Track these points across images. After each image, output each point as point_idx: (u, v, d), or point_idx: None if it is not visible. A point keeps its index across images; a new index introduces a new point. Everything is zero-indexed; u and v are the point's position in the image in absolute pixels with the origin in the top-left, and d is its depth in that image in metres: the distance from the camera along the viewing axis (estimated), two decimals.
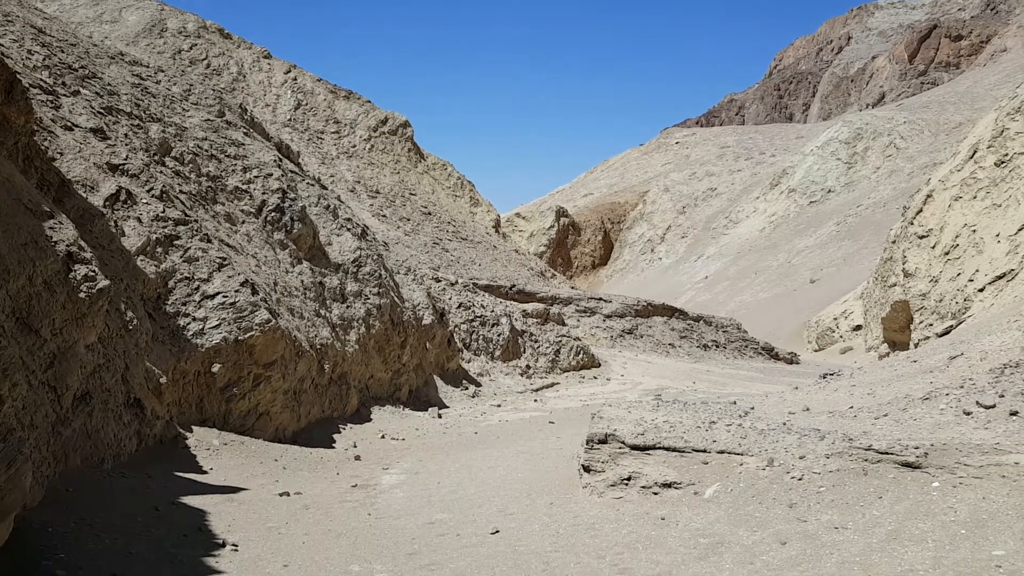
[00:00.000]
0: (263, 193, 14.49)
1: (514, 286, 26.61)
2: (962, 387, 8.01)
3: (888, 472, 6.13)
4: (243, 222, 13.67)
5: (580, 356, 22.59)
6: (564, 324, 24.79)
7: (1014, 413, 6.68)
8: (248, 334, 10.84)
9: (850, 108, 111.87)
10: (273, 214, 14.31)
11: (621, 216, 79.93)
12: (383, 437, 12.70)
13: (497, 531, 6.69)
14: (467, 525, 7.01)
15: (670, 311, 30.58)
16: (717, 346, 29.34)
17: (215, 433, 10.21)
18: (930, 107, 74.41)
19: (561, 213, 73.88)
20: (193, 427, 10.06)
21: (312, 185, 16.76)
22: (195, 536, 6.65)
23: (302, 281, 13.97)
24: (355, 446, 11.82)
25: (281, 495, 8.32)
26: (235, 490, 8.37)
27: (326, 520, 7.42)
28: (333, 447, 11.79)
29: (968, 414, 7.05)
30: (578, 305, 28.53)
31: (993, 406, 6.98)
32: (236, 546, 6.45)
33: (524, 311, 23.38)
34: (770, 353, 30.07)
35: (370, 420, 14.04)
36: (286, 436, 11.56)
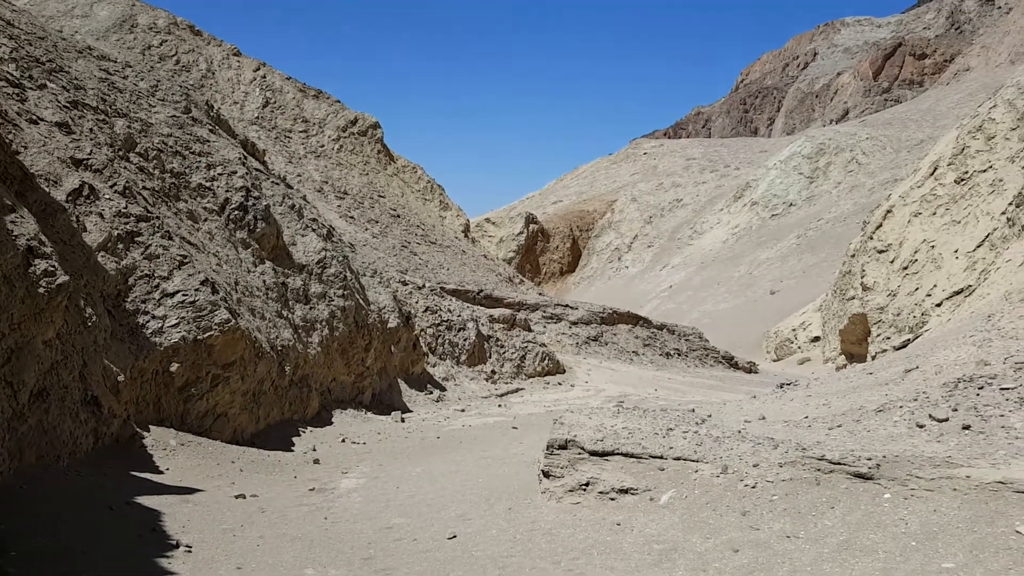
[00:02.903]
0: (227, 191, 14.35)
1: (482, 291, 26.61)
2: (916, 400, 8.17)
3: (841, 482, 6.23)
4: (206, 220, 13.53)
5: (545, 362, 22.66)
6: (530, 330, 24.85)
7: (966, 427, 6.82)
8: (207, 334, 10.72)
9: (814, 123, 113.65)
10: (236, 212, 14.18)
11: (589, 224, 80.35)
12: (343, 441, 12.63)
13: (454, 536, 6.69)
14: (424, 530, 7.00)
15: (635, 319, 30.80)
16: (679, 354, 29.59)
17: (172, 433, 10.09)
18: (893, 124, 75.87)
19: (530, 219, 74.07)
20: (150, 426, 9.92)
21: (277, 184, 16.63)
22: (149, 536, 6.57)
23: (264, 281, 13.85)
24: (314, 449, 11.73)
25: (237, 497, 8.24)
26: (191, 491, 8.28)
27: (282, 523, 7.37)
28: (292, 450, 11.69)
29: (921, 427, 7.19)
30: (545, 311, 28.61)
31: (946, 419, 7.13)
32: (190, 547, 6.38)
33: (491, 316, 23.40)
34: (730, 362, 30.40)
35: (331, 423, 13.94)
36: (244, 438, 11.44)
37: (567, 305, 30.04)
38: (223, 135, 16.37)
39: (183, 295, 10.74)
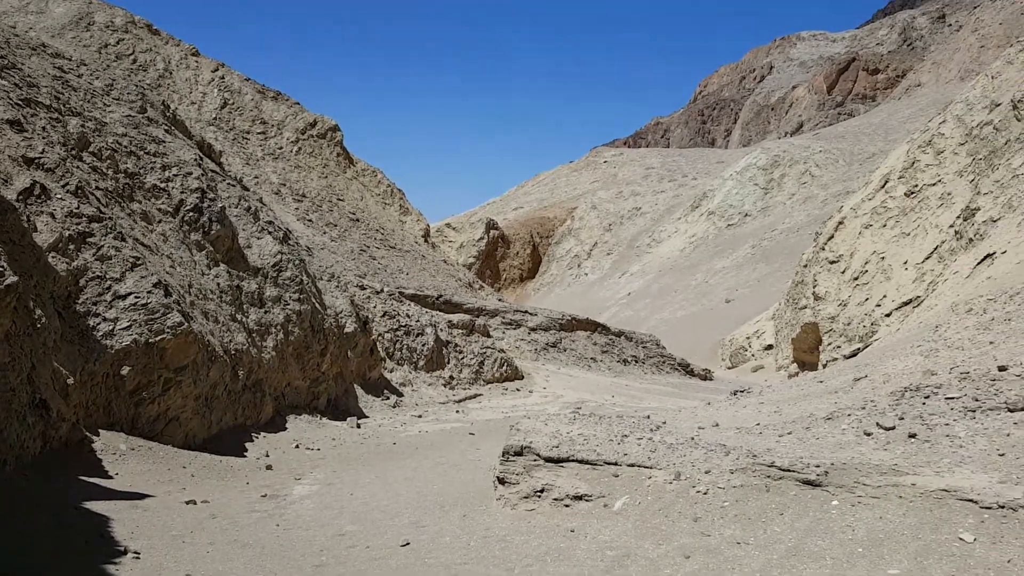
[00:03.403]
0: (182, 192, 14.14)
1: (441, 296, 26.55)
2: (864, 408, 8.33)
3: (790, 489, 6.33)
4: (160, 221, 13.31)
5: (504, 368, 22.68)
6: (489, 336, 24.86)
7: (912, 435, 6.96)
8: (159, 337, 10.55)
9: (769, 135, 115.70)
10: (191, 214, 13.97)
11: (550, 231, 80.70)
12: (297, 447, 12.49)
13: (408, 543, 6.66)
14: (378, 537, 6.96)
15: (593, 326, 30.99)
16: (636, 361, 29.85)
17: (122, 438, 9.90)
18: (845, 137, 77.53)
19: (491, 225, 74.15)
20: (100, 431, 9.74)
21: (233, 186, 16.43)
22: (96, 542, 6.45)
23: (218, 284, 13.66)
24: (267, 455, 11.59)
25: (188, 503, 8.11)
26: (140, 496, 8.14)
27: (233, 530, 7.27)
28: (244, 456, 11.54)
29: (869, 435, 7.33)
30: (504, 317, 28.64)
31: (893, 428, 7.28)
32: (138, 554, 6.27)
33: (450, 322, 23.36)
34: (686, 369, 30.74)
35: (285, 429, 13.79)
36: (196, 443, 11.26)
37: (526, 311, 30.12)
38: (179, 136, 16.13)
39: (135, 297, 10.55)
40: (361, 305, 20.03)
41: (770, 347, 33.41)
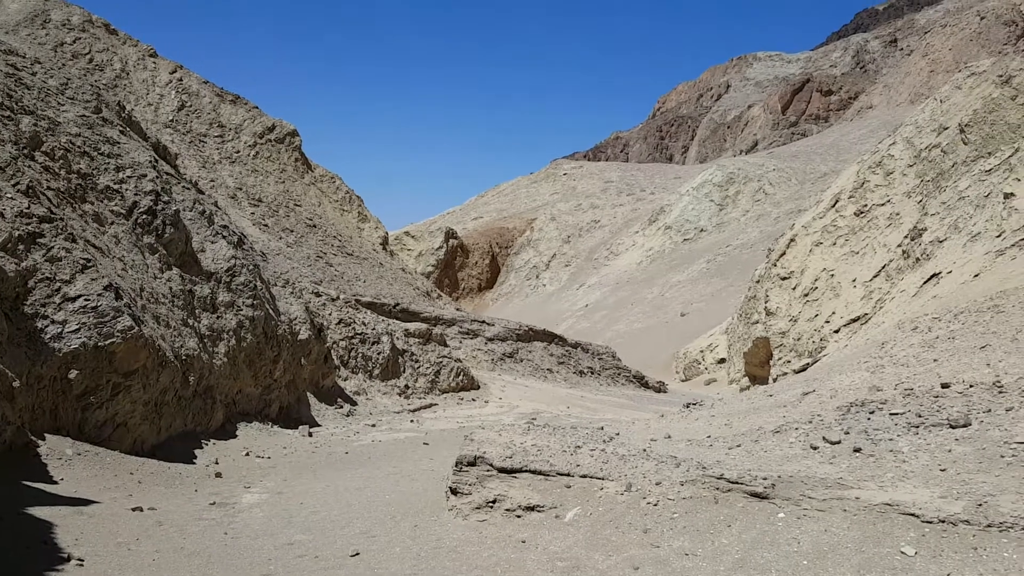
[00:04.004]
0: (135, 194, 13.90)
1: (398, 304, 26.42)
2: (811, 422, 8.50)
3: (738, 501, 6.43)
4: (112, 223, 13.06)
5: (460, 378, 22.63)
6: (446, 345, 24.79)
7: (857, 450, 7.12)
8: (109, 340, 10.34)
9: (725, 153, 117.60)
10: (144, 216, 13.74)
11: (509, 241, 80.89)
12: (248, 454, 12.33)
13: (357, 553, 6.62)
14: (327, 547, 6.91)
15: (550, 337, 31.09)
16: (592, 373, 30.01)
17: (69, 442, 9.68)
18: (799, 157, 79.17)
19: (451, 234, 74.07)
20: (46, 435, 9.51)
21: (188, 189, 16.20)
22: (38, 549, 6.31)
23: (170, 288, 13.45)
24: (217, 462, 11.42)
25: (134, 510, 7.96)
26: (86, 503, 7.97)
27: (179, 538, 7.15)
28: (194, 463, 11.35)
29: (815, 448, 7.47)
30: (461, 327, 28.60)
31: (838, 442, 7.43)
32: (82, 561, 6.14)
33: (406, 330, 23.25)
34: (641, 381, 31.00)
35: (235, 436, 13.59)
36: (144, 449, 11.04)
37: (484, 321, 30.12)
38: (134, 137, 15.87)
39: (85, 300, 10.33)
40: (316, 312, 19.85)
41: (723, 361, 33.86)
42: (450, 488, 7.49)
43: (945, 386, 8.75)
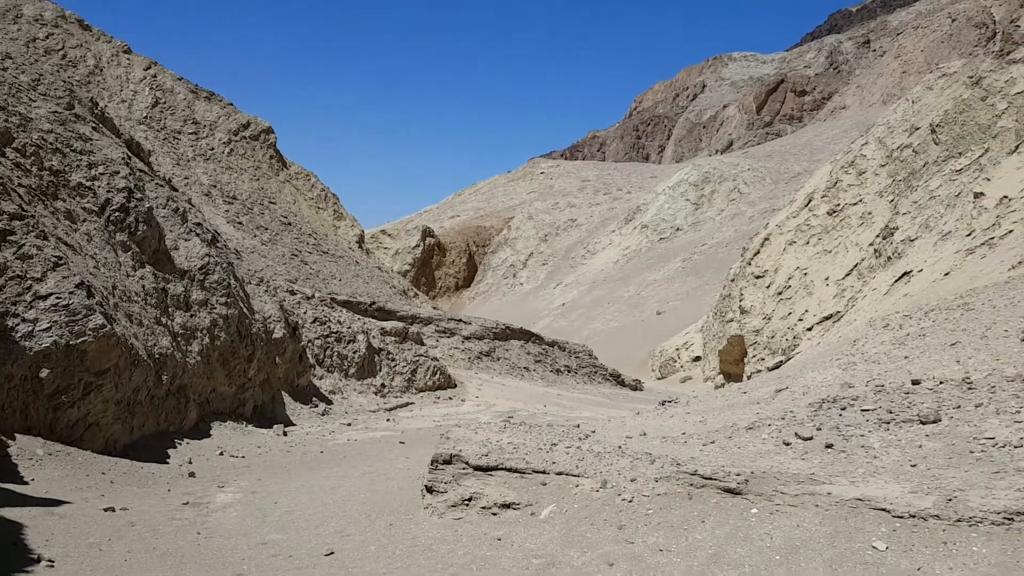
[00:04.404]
0: (108, 191, 13.73)
1: (374, 303, 26.31)
2: (784, 419, 8.59)
3: (711, 497, 6.48)
4: (84, 221, 12.89)
5: (437, 376, 22.59)
6: (423, 344, 24.73)
7: (829, 446, 7.20)
8: (80, 339, 10.21)
9: (701, 152, 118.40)
10: (117, 214, 13.58)
11: (486, 240, 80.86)
12: (222, 454, 12.23)
13: (332, 552, 6.59)
14: (301, 546, 6.87)
15: (527, 335, 31.12)
16: (569, 371, 30.08)
17: (40, 442, 9.55)
18: (773, 156, 79.88)
19: (427, 233, 73.89)
20: (16, 435, 9.38)
21: (162, 186, 16.03)
22: (8, 550, 6.22)
23: (143, 286, 13.30)
24: (190, 462, 11.32)
25: (106, 510, 7.87)
26: (57, 503, 7.86)
27: (152, 538, 7.08)
28: (167, 462, 11.24)
29: (788, 444, 7.55)
30: (438, 325, 28.54)
31: (811, 438, 7.52)
32: (52, 562, 6.07)
33: (383, 329, 23.16)
34: (617, 379, 31.12)
35: (209, 435, 13.47)
36: (117, 449, 10.92)
37: (460, 320, 30.08)
38: (107, 134, 15.67)
39: (56, 298, 10.20)
40: (291, 310, 19.72)
41: (698, 359, 34.08)
42: (426, 486, 7.47)
43: (916, 383, 8.87)
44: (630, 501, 6.61)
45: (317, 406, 17.67)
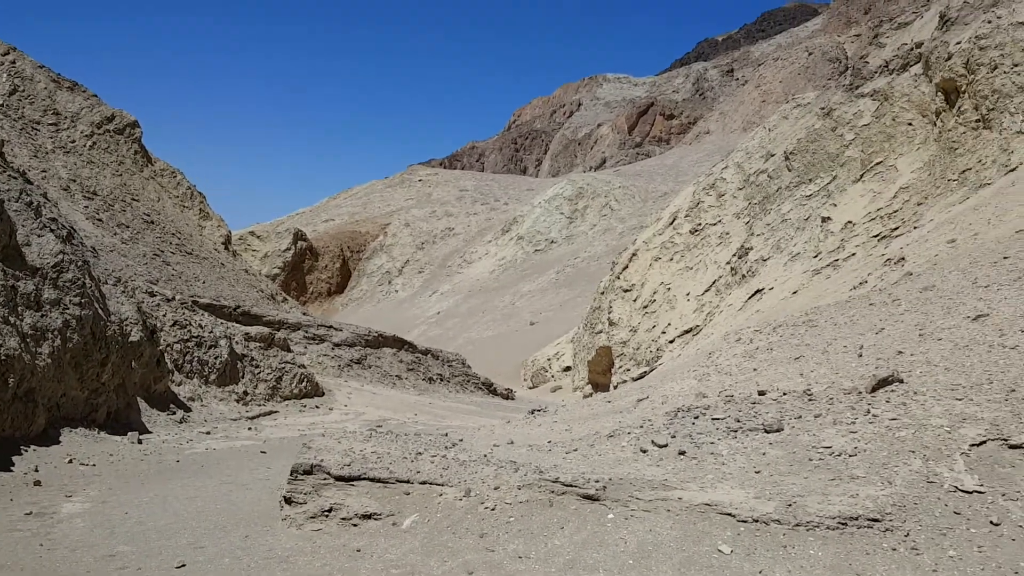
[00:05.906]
0: None
1: (239, 307, 25.45)
2: (642, 427, 8.92)
3: (571, 503, 6.66)
4: None
5: (304, 384, 22.09)
6: (290, 350, 24.12)
7: (682, 453, 7.54)
8: None
9: (576, 168, 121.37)
10: None
11: (361, 246, 79.76)
12: (71, 462, 11.54)
13: (183, 565, 6.36)
14: (151, 559, 6.59)
15: (400, 343, 30.90)
16: (442, 379, 30.07)
17: None
18: (642, 175, 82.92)
19: (299, 236, 72.14)
20: None
21: (15, 178, 15.01)
22: None
23: None
24: (36, 470, 10.63)
25: None
26: None
27: None
28: (11, 470, 10.51)
29: (644, 452, 7.85)
30: (307, 331, 27.90)
31: (666, 445, 7.84)
32: None
33: (247, 334, 22.44)
34: (489, 388, 31.35)
35: (58, 442, 12.68)
36: None
37: (331, 326, 29.53)
38: None
39: None
40: (150, 313, 18.83)
41: (569, 368, 34.83)
42: (284, 497, 7.33)
43: (762, 393, 9.43)
44: (493, 509, 6.71)
45: (175, 413, 16.94)
